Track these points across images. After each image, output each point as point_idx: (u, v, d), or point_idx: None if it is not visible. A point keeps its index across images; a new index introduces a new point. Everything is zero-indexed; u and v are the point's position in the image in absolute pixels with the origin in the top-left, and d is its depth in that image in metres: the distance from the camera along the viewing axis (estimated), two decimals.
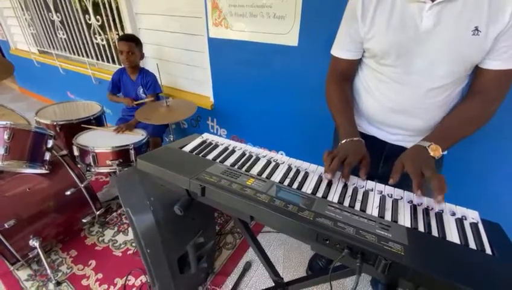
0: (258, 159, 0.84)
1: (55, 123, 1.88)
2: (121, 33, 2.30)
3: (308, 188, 0.69)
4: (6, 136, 1.29)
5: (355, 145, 0.75)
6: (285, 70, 1.55)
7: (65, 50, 3.06)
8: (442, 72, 0.74)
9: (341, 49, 0.88)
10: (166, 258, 1.11)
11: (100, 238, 1.74)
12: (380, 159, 0.97)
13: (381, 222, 0.58)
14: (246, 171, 0.77)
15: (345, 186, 0.70)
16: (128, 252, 1.65)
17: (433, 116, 0.82)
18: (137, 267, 1.54)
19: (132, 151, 1.69)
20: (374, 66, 0.84)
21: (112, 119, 2.82)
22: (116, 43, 1.96)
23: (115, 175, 1.96)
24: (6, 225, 1.30)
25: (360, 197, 0.66)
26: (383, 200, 0.65)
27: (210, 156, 0.86)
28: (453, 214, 0.62)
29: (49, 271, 1.44)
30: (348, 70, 0.91)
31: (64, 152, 1.60)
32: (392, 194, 0.68)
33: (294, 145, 1.80)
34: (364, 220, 0.58)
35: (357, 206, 0.63)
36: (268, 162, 0.82)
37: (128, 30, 2.18)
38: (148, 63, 2.26)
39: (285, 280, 1.12)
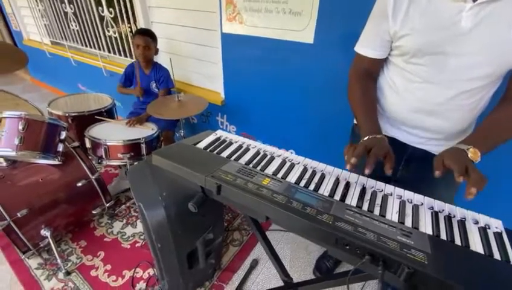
0: (272, 158, 0.83)
1: (67, 114, 1.89)
2: (133, 26, 2.30)
3: (325, 190, 0.68)
4: (21, 127, 1.30)
5: (379, 140, 0.73)
6: (299, 68, 1.53)
7: (77, 42, 3.08)
8: (477, 73, 0.72)
9: (367, 47, 0.85)
10: (176, 253, 1.12)
11: (109, 230, 1.76)
12: (399, 162, 0.95)
13: (402, 228, 0.57)
14: (261, 170, 0.77)
15: (363, 190, 0.68)
16: (137, 245, 1.67)
17: (461, 119, 0.80)
18: (145, 259, 1.56)
19: (143, 145, 1.70)
20: (401, 65, 0.81)
21: (122, 112, 2.84)
22: (132, 36, 1.96)
23: (124, 168, 1.98)
24: (18, 214, 1.32)
25: (379, 201, 0.65)
26: (402, 205, 0.64)
27: (224, 154, 0.85)
28: (476, 222, 0.60)
29: (59, 260, 1.47)
30: (373, 69, 0.89)
31: (76, 144, 1.62)
32: (412, 200, 0.66)
33: (305, 144, 1.78)
34: (385, 226, 0.56)
35: (376, 211, 0.62)
36: (284, 162, 0.81)
37: (141, 23, 2.18)
38: (160, 57, 2.26)
39: (292, 279, 1.12)
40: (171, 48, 2.19)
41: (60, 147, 1.47)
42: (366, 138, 0.75)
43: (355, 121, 1.07)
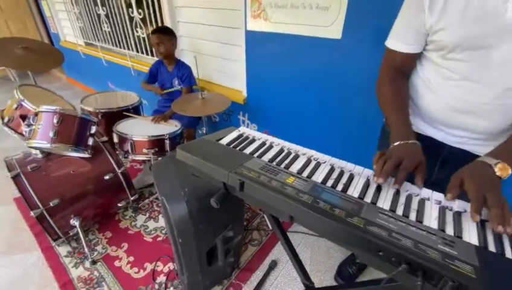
0: (297, 156, 0.80)
1: (97, 111, 1.98)
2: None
3: (354, 191, 0.64)
4: (55, 121, 1.38)
5: (411, 149, 0.68)
6: (325, 65, 1.48)
7: (108, 42, 3.23)
8: None
9: (399, 41, 0.80)
10: (196, 249, 1.12)
11: (133, 223, 1.82)
12: (435, 163, 0.87)
13: (444, 237, 0.51)
14: (285, 168, 0.73)
15: (397, 193, 0.63)
16: (158, 239, 1.71)
17: (506, 118, 0.71)
18: (166, 254, 1.58)
19: (167, 141, 1.73)
20: (438, 61, 0.75)
21: (148, 110, 2.93)
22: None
23: (149, 163, 2.03)
24: (51, 204, 1.39)
25: (414, 206, 0.59)
26: (442, 211, 0.58)
27: (247, 150, 0.83)
28: None
29: (86, 249, 1.54)
30: (406, 65, 0.83)
31: (105, 138, 1.69)
32: (452, 206, 0.60)
33: (330, 144, 1.72)
34: (423, 233, 0.51)
35: (412, 216, 0.57)
36: (309, 161, 0.77)
37: (167, 23, 2.23)
38: (185, 56, 2.30)
39: (313, 283, 1.07)
40: (194, 46, 2.22)
41: (90, 141, 1.54)
42: (396, 144, 0.70)
43: (385, 119, 1.01)
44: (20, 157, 1.47)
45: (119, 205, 1.75)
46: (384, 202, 0.60)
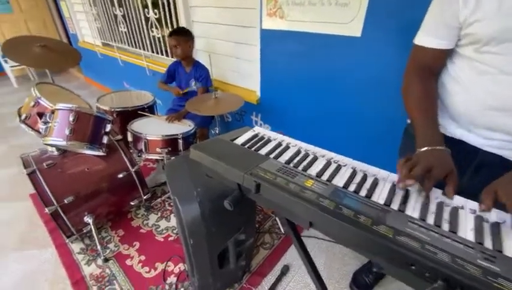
0: (315, 158, 0.76)
1: (112, 109, 2.01)
2: (175, 26, 2.38)
3: (379, 197, 0.59)
4: (71, 118, 1.39)
5: (440, 156, 0.62)
6: (344, 63, 1.43)
7: (125, 43, 3.28)
8: None
9: (430, 36, 0.74)
10: (208, 251, 1.09)
11: (145, 222, 1.82)
12: (467, 169, 0.81)
13: (483, 251, 0.46)
14: (303, 170, 0.70)
15: (427, 200, 0.58)
16: (169, 239, 1.70)
17: None
18: (177, 254, 1.57)
19: (181, 141, 1.73)
20: (472, 55, 0.69)
21: (161, 109, 2.95)
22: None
23: (162, 162, 2.03)
24: (65, 201, 1.41)
25: (446, 215, 0.54)
26: (479, 222, 0.52)
27: (263, 151, 0.80)
28: None
29: (99, 247, 1.54)
30: (436, 63, 0.77)
31: (119, 137, 1.70)
32: (488, 218, 0.54)
33: (348, 148, 1.66)
34: (460, 246, 0.46)
35: (445, 226, 0.52)
36: (328, 163, 0.73)
37: (182, 23, 2.24)
38: (199, 56, 2.30)
39: None
40: (208, 46, 2.21)
41: (105, 140, 1.55)
42: (423, 150, 0.65)
43: (408, 121, 0.95)
44: (37, 154, 1.49)
45: (132, 203, 1.75)
46: (414, 210, 0.56)
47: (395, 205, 0.57)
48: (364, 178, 0.66)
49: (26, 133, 1.53)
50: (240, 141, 0.87)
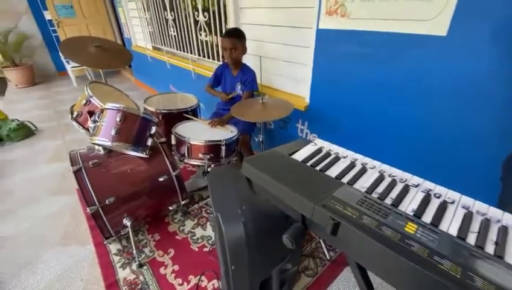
0: (407, 187, 0.57)
1: (158, 111, 2.00)
2: (224, 29, 2.33)
3: None
4: (118, 119, 1.38)
5: None
6: (420, 68, 1.19)
7: (173, 46, 3.37)
8: None
9: None
10: (249, 279, 0.95)
11: (181, 228, 1.75)
12: None
13: None
14: (393, 205, 0.52)
15: None
16: (204, 249, 1.60)
17: None
18: (211, 268, 1.46)
19: (223, 147, 1.63)
20: None
21: (204, 113, 2.93)
22: (220, 40, 1.94)
23: (202, 168, 1.96)
24: (107, 201, 1.39)
25: None
26: None
27: (332, 172, 0.63)
28: None
29: (134, 251, 1.50)
30: None
31: (163, 139, 1.66)
32: None
33: (409, 169, 1.40)
34: None
35: None
36: (428, 197, 0.54)
37: (231, 25, 2.17)
38: (247, 59, 2.21)
39: None
40: (258, 50, 2.11)
41: (149, 142, 1.52)
42: None
43: None
44: (84, 151, 1.51)
45: (170, 208, 1.70)
46: None
47: None
48: (487, 224, 0.45)
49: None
50: (299, 156, 0.72)
